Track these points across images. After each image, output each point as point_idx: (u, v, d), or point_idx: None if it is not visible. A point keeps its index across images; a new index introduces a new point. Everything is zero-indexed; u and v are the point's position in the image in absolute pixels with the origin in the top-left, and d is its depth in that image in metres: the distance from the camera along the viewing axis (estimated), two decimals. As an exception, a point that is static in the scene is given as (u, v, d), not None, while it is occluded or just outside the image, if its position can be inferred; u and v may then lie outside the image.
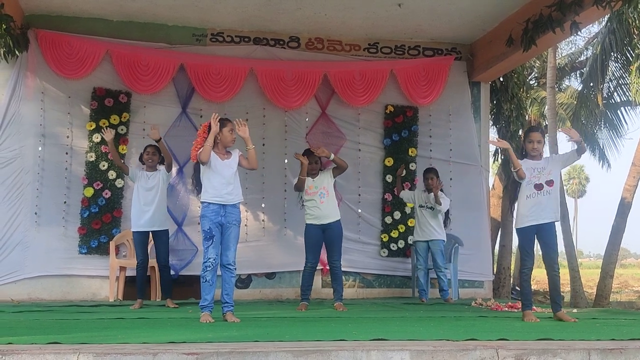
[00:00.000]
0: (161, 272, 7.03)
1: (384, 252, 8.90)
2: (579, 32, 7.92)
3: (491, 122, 10.04)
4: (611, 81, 14.39)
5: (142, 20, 8.55)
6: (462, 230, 8.56)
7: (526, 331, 4.52)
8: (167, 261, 6.95)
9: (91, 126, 8.23)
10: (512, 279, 11.92)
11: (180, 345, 3.57)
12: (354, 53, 9.14)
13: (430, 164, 8.61)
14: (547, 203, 5.47)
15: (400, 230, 8.94)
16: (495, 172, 13.35)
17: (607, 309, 9.71)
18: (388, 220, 8.94)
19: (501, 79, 9.76)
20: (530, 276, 5.60)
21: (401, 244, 8.92)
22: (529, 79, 15.21)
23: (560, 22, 7.39)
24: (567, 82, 17.93)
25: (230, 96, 8.50)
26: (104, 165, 8.19)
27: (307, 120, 8.91)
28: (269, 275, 8.61)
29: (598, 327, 5.08)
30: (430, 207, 7.82)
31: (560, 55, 16.11)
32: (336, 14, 8.35)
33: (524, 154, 5.62)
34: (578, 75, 16.77)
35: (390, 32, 9.00)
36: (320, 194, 6.65)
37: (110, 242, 7.94)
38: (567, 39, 15.29)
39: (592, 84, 13.50)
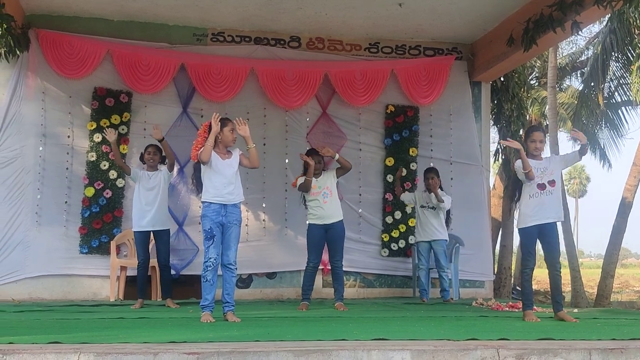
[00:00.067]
0: (162, 271, 7.02)
1: (384, 252, 8.90)
2: (579, 32, 7.92)
3: (492, 122, 10.04)
4: (612, 81, 14.37)
5: (142, 20, 8.55)
6: (462, 230, 8.56)
7: (527, 331, 4.52)
8: (167, 261, 6.94)
9: (92, 126, 8.23)
10: (512, 278, 11.91)
11: (181, 345, 3.57)
12: (354, 53, 9.14)
13: (431, 164, 8.61)
14: (550, 203, 5.47)
15: (401, 230, 8.94)
16: (496, 172, 13.35)
17: (608, 308, 9.71)
18: (389, 220, 8.94)
19: (502, 79, 9.76)
20: (532, 276, 5.61)
21: (402, 243, 8.92)
22: (529, 78, 15.20)
23: (561, 22, 7.38)
24: (568, 82, 17.93)
25: (231, 96, 8.50)
26: (104, 165, 8.19)
27: (308, 120, 8.91)
28: (270, 275, 8.62)
29: (599, 327, 5.08)
30: (431, 207, 7.80)
31: (561, 55, 16.10)
32: (337, 13, 8.35)
33: (525, 153, 5.62)
34: (579, 75, 16.76)
35: (391, 32, 9.00)
36: (323, 193, 6.65)
37: (111, 242, 7.94)
38: (568, 39, 15.25)
39: (593, 84, 13.50)
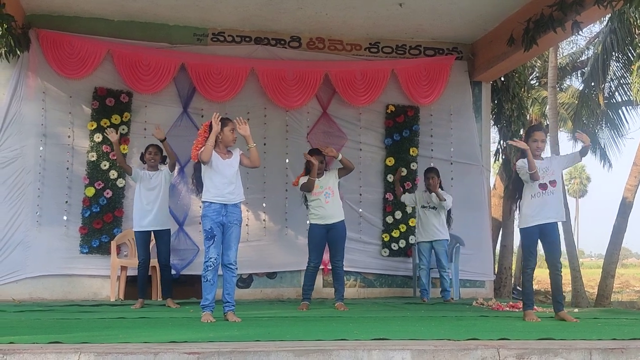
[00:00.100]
0: (162, 271, 7.02)
1: (385, 252, 8.90)
2: (580, 32, 7.92)
3: (492, 121, 10.03)
4: (612, 81, 14.38)
5: (143, 20, 8.55)
6: (463, 230, 8.55)
7: (527, 331, 4.52)
8: (168, 261, 6.94)
9: (92, 126, 8.23)
10: (513, 278, 11.90)
11: (182, 345, 3.57)
12: (355, 53, 9.14)
13: (432, 164, 8.60)
14: (552, 203, 5.47)
15: (402, 230, 8.94)
16: (497, 172, 13.35)
17: (608, 308, 9.71)
18: (389, 219, 8.93)
19: (502, 79, 9.75)
20: (533, 276, 5.61)
21: (402, 243, 8.92)
22: (530, 78, 15.20)
23: (562, 22, 7.38)
24: (568, 82, 17.93)
25: (231, 96, 8.50)
26: (105, 165, 8.19)
27: (308, 120, 8.90)
28: (270, 275, 8.61)
29: (599, 326, 5.08)
30: (432, 207, 7.79)
31: (561, 55, 16.10)
32: (337, 13, 8.35)
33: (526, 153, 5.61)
34: (579, 75, 16.77)
35: (392, 32, 8.99)
36: (325, 193, 6.64)
37: (112, 242, 7.94)
38: (568, 39, 15.27)
39: (593, 84, 13.51)
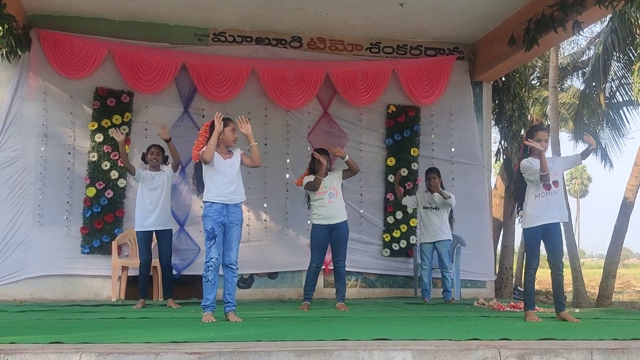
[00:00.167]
0: (163, 271, 7.01)
1: (386, 252, 8.89)
2: (581, 32, 7.92)
3: (493, 121, 10.03)
4: (613, 81, 14.36)
5: (144, 20, 8.55)
6: (464, 230, 8.54)
7: (528, 331, 4.52)
8: (169, 261, 6.93)
9: (93, 126, 8.24)
10: (514, 279, 11.90)
11: (183, 345, 3.57)
12: (356, 53, 9.14)
13: (433, 164, 8.59)
14: (555, 203, 5.48)
15: (402, 230, 8.93)
16: (497, 172, 13.34)
17: (609, 309, 9.70)
18: (390, 220, 8.93)
19: (503, 79, 9.74)
20: (535, 276, 5.60)
21: (403, 243, 8.92)
22: (531, 78, 15.19)
23: (562, 22, 7.37)
24: (569, 82, 17.93)
25: (232, 96, 8.50)
26: (106, 165, 8.20)
27: (309, 120, 8.90)
28: (271, 275, 8.61)
29: (600, 327, 5.08)
30: (435, 208, 7.79)
31: (562, 55, 16.09)
32: (338, 13, 8.35)
33: (528, 153, 5.61)
34: (580, 75, 16.75)
35: (392, 32, 8.99)
36: (329, 193, 6.65)
37: (113, 242, 7.95)
38: (569, 39, 15.26)
39: (594, 84, 13.49)
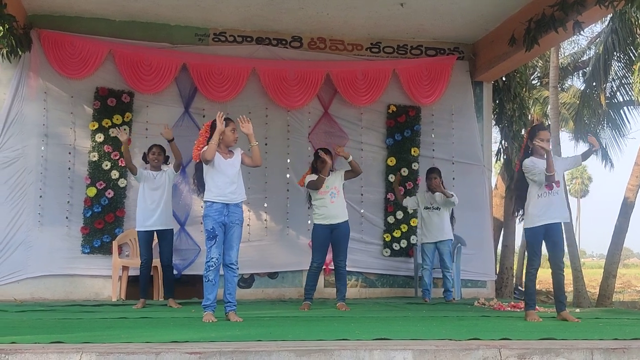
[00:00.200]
0: (164, 271, 7.01)
1: (386, 252, 8.89)
2: (581, 32, 7.91)
3: (494, 121, 10.03)
4: (614, 81, 14.36)
5: (144, 20, 8.55)
6: (464, 230, 8.54)
7: (529, 331, 4.52)
8: (170, 261, 6.93)
9: (94, 126, 8.24)
10: (514, 278, 11.89)
11: (183, 345, 3.57)
12: (356, 53, 9.14)
13: (433, 164, 8.59)
14: (557, 203, 5.48)
15: (403, 230, 8.93)
16: (498, 171, 13.34)
17: (609, 308, 9.70)
18: (390, 219, 8.93)
19: (504, 79, 9.74)
20: (536, 276, 5.60)
21: (404, 243, 8.92)
22: (531, 78, 15.19)
23: (563, 22, 7.37)
24: (569, 82, 17.93)
25: (232, 96, 8.50)
26: (106, 165, 8.20)
27: (310, 120, 8.89)
28: (272, 275, 8.61)
29: (601, 326, 5.08)
30: (436, 208, 7.79)
31: (562, 55, 16.08)
32: (338, 13, 8.35)
33: (530, 152, 5.60)
34: (581, 75, 16.76)
35: (393, 32, 8.99)
36: (331, 193, 6.66)
37: (113, 242, 7.95)
38: (570, 39, 15.26)
39: (594, 84, 13.49)
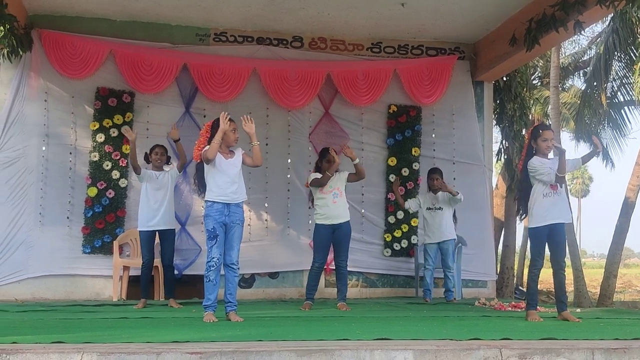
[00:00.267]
0: (165, 271, 7.01)
1: (387, 252, 8.89)
2: (582, 32, 7.91)
3: (494, 121, 10.03)
4: (615, 80, 14.37)
5: (145, 20, 8.56)
6: (465, 230, 8.53)
7: (530, 331, 4.52)
8: (171, 261, 6.94)
9: (95, 126, 8.24)
10: (515, 278, 11.89)
11: (184, 345, 3.57)
12: (357, 53, 9.14)
13: (434, 164, 8.59)
14: (561, 203, 5.48)
15: (404, 230, 8.93)
16: (499, 171, 13.33)
17: (610, 308, 9.70)
18: (391, 219, 8.93)
19: (504, 79, 9.73)
20: (539, 276, 5.59)
21: (404, 243, 8.92)
22: (532, 78, 15.19)
23: (564, 22, 7.37)
24: (570, 82, 17.94)
25: (233, 96, 8.50)
26: (107, 165, 8.20)
27: (311, 120, 8.89)
28: (272, 275, 8.61)
29: (602, 326, 5.08)
30: (438, 208, 7.78)
31: (563, 55, 16.09)
32: (339, 13, 8.35)
33: (533, 152, 5.58)
34: (581, 75, 16.76)
35: (394, 32, 8.99)
36: (333, 193, 6.67)
37: (114, 242, 7.95)
38: (571, 39, 15.26)
39: (595, 84, 13.50)
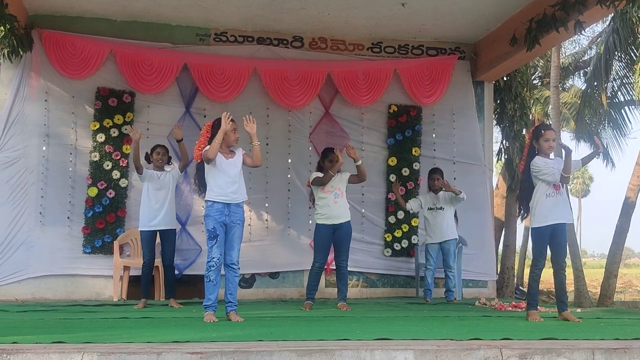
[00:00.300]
0: (166, 271, 7.00)
1: (387, 252, 8.89)
2: (582, 32, 7.91)
3: (495, 121, 10.03)
4: (615, 80, 14.36)
5: (145, 20, 8.56)
6: (465, 230, 8.53)
7: (530, 331, 4.52)
8: (172, 261, 6.94)
9: (95, 126, 8.24)
10: (515, 278, 11.88)
11: (185, 345, 3.57)
12: (357, 52, 9.13)
13: (434, 164, 8.59)
14: (563, 203, 5.49)
15: (404, 230, 8.93)
16: (499, 171, 13.33)
17: (611, 308, 9.70)
18: (392, 219, 8.93)
19: (505, 79, 9.74)
20: (540, 276, 5.59)
21: (405, 243, 8.92)
22: (532, 78, 15.19)
23: (564, 22, 7.37)
24: (571, 82, 17.94)
25: (233, 96, 8.50)
26: (107, 165, 8.20)
27: (311, 119, 8.89)
28: (273, 275, 8.61)
29: (602, 326, 5.08)
30: (440, 208, 7.78)
31: (564, 55, 16.08)
32: (340, 13, 8.34)
33: (536, 152, 5.58)
34: (582, 75, 16.76)
35: (394, 32, 8.99)
36: (335, 193, 6.67)
37: (115, 242, 7.95)
38: (571, 38, 15.26)
39: (596, 83, 13.49)
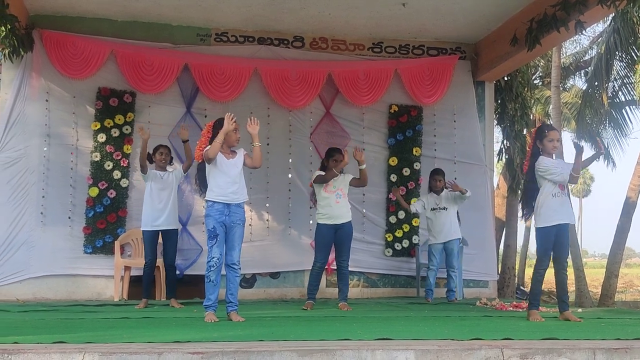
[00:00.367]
0: (167, 271, 7.01)
1: (388, 252, 8.89)
2: (583, 32, 7.91)
3: (495, 121, 10.03)
4: (616, 80, 14.36)
5: (146, 20, 8.56)
6: (466, 230, 8.51)
7: (531, 331, 4.52)
8: (173, 261, 6.95)
9: (96, 126, 8.24)
10: (516, 278, 11.89)
11: (185, 345, 3.57)
12: (358, 52, 9.14)
13: (435, 164, 8.60)
14: (568, 204, 5.51)
15: (405, 230, 8.93)
16: (500, 171, 13.33)
17: (612, 308, 9.70)
18: (392, 219, 8.93)
19: (505, 78, 9.73)
20: (544, 276, 5.58)
21: (405, 243, 8.91)
22: (533, 78, 15.18)
23: (565, 22, 7.37)
24: (571, 82, 17.94)
25: (234, 96, 8.50)
26: (108, 165, 8.20)
27: (312, 120, 8.89)
28: (274, 275, 8.61)
29: (603, 326, 5.08)
30: (443, 208, 7.78)
31: (564, 55, 16.08)
32: (340, 13, 8.35)
33: (539, 152, 5.57)
34: (583, 75, 16.76)
35: (395, 32, 8.99)
36: (337, 194, 6.68)
37: (115, 242, 7.96)
38: (572, 38, 15.25)
39: (596, 83, 13.48)
